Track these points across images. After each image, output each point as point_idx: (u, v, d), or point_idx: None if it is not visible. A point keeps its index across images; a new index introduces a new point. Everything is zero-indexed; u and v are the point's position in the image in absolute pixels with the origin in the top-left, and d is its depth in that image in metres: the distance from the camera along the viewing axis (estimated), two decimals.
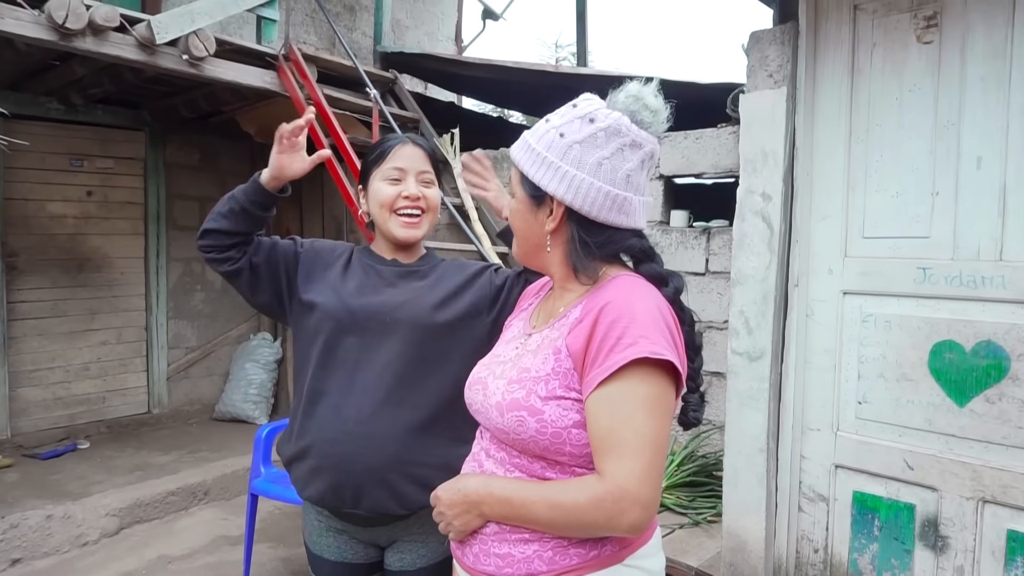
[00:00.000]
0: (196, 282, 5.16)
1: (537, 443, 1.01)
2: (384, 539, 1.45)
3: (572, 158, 1.00)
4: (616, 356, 0.94)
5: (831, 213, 2.22)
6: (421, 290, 1.45)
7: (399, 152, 1.46)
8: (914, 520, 2.11)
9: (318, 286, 1.44)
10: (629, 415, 0.93)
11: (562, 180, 1.00)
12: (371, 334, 1.38)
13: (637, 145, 1.01)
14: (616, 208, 1.02)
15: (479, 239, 3.83)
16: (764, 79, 2.26)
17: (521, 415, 1.00)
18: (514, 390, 1.03)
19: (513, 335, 1.19)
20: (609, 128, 1.00)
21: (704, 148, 3.33)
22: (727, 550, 2.42)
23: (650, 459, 0.93)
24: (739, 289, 2.33)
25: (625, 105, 1.01)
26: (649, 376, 0.94)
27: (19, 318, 4.29)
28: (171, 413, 4.96)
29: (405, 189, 1.44)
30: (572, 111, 1.03)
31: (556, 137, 1.01)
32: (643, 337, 0.94)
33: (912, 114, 2.05)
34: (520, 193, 1.08)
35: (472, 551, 1.08)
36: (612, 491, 0.92)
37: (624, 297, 1.00)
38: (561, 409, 0.99)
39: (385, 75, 4.64)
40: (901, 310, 2.10)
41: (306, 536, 1.50)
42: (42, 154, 4.32)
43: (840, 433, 2.24)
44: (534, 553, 1.02)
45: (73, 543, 3.25)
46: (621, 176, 1.01)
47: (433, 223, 1.51)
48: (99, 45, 3.17)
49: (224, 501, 3.85)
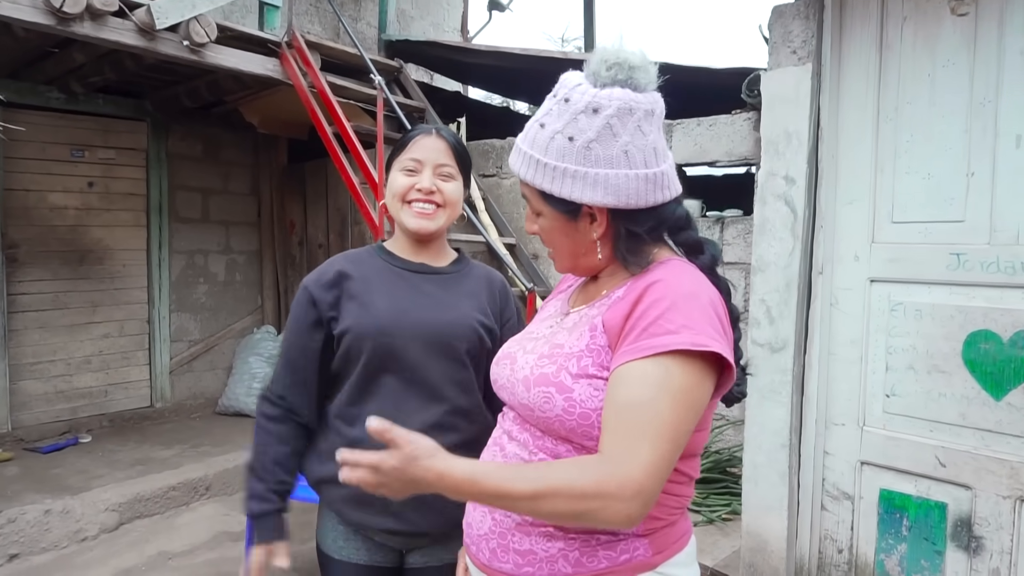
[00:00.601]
0: (199, 274, 5.09)
1: (563, 423, 0.92)
2: (407, 545, 1.37)
3: (595, 158, 0.90)
4: (654, 340, 0.85)
5: (858, 197, 2.11)
6: (460, 300, 1.37)
7: (419, 143, 1.37)
8: (946, 520, 2.00)
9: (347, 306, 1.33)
10: (653, 397, 0.83)
11: (595, 185, 0.91)
12: (413, 352, 1.30)
13: (650, 113, 0.92)
14: (657, 187, 0.93)
15: (486, 229, 3.75)
16: (787, 56, 2.15)
17: (548, 391, 0.92)
18: (544, 365, 0.95)
19: (549, 313, 1.12)
20: (619, 111, 0.90)
21: (718, 135, 3.22)
22: (746, 550, 2.33)
23: (664, 452, 0.83)
24: (760, 277, 2.23)
25: (614, 76, 0.91)
26: (686, 364, 0.85)
27: (20, 310, 4.23)
28: (174, 407, 4.89)
29: (419, 182, 1.35)
30: (566, 107, 0.92)
31: (565, 143, 0.91)
32: (686, 327, 0.85)
33: (945, 91, 1.94)
34: (549, 211, 0.97)
35: (488, 546, 0.99)
36: (618, 476, 0.80)
37: (671, 278, 0.91)
38: (592, 389, 0.90)
39: (390, 64, 4.55)
40: (933, 298, 1.99)
41: (322, 541, 1.40)
42: (43, 144, 4.26)
43: (866, 428, 2.14)
44: (559, 552, 0.93)
45: (72, 538, 3.18)
46: (649, 152, 0.92)
47: (452, 218, 1.41)
48: (97, 30, 3.09)
49: (226, 496, 3.77)
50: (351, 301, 1.33)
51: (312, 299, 1.33)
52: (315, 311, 1.33)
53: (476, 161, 4.19)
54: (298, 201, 5.32)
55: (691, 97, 3.59)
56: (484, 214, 3.88)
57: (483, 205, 3.92)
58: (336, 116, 3.61)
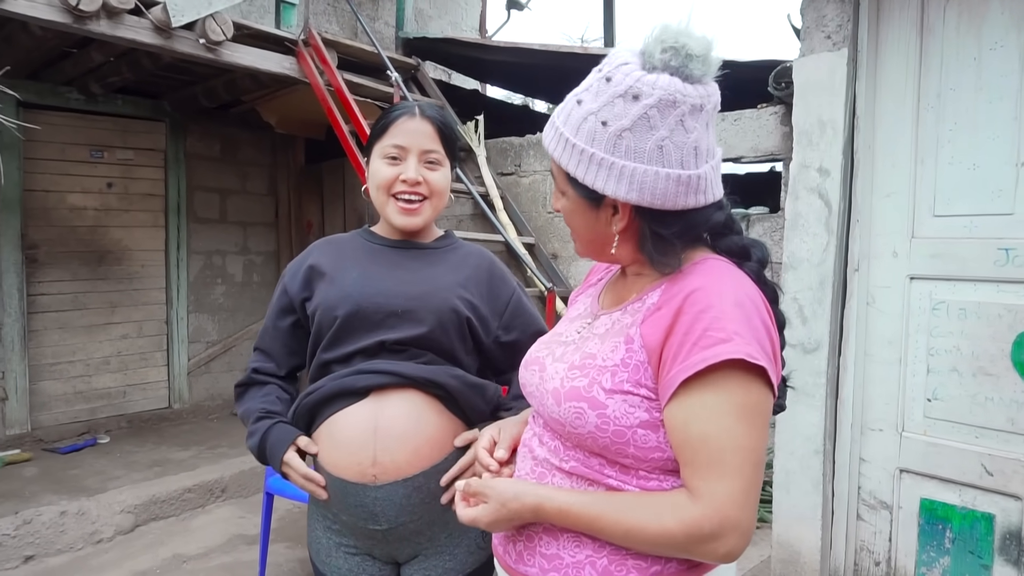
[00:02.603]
0: (217, 275, 5.08)
1: (596, 440, 0.86)
2: (405, 553, 1.28)
3: (625, 149, 0.82)
4: (705, 352, 0.78)
5: (896, 189, 2.00)
6: (439, 273, 1.29)
7: (402, 126, 1.26)
8: (993, 532, 1.88)
9: (317, 286, 1.29)
10: (727, 425, 0.79)
11: (620, 178, 0.83)
12: (383, 329, 1.23)
13: (697, 108, 0.82)
14: (691, 190, 0.84)
15: (504, 228, 3.68)
16: (821, 41, 2.05)
17: (580, 407, 0.86)
18: (575, 377, 0.89)
19: (579, 313, 1.04)
20: (661, 102, 0.81)
21: (743, 130, 3.12)
22: (777, 561, 2.22)
23: (750, 479, 0.80)
24: (792, 274, 2.12)
25: (666, 61, 0.81)
26: (747, 380, 0.80)
27: (40, 311, 4.24)
28: (191, 408, 4.88)
29: (404, 172, 1.26)
30: (607, 87, 0.83)
31: (598, 126, 0.83)
32: (736, 335, 0.79)
33: (993, 75, 1.83)
34: (572, 193, 0.90)
35: (515, 548, 0.95)
36: (711, 516, 0.78)
37: (713, 285, 0.84)
38: (627, 405, 0.84)
39: (407, 61, 4.50)
40: (979, 296, 1.88)
41: (313, 554, 1.34)
42: (62, 145, 4.27)
43: (906, 434, 2.02)
44: (586, 559, 0.88)
45: (87, 540, 3.15)
46: (688, 152, 0.83)
47: (439, 209, 1.33)
48: (114, 28, 3.07)
49: (242, 499, 3.73)
50: (322, 279, 1.29)
51: (284, 287, 1.34)
52: (286, 297, 1.34)
53: (494, 159, 4.12)
54: (315, 201, 5.30)
55: None
56: (502, 213, 3.80)
57: (501, 204, 3.85)
58: (353, 114, 3.57)
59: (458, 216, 4.21)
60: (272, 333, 1.36)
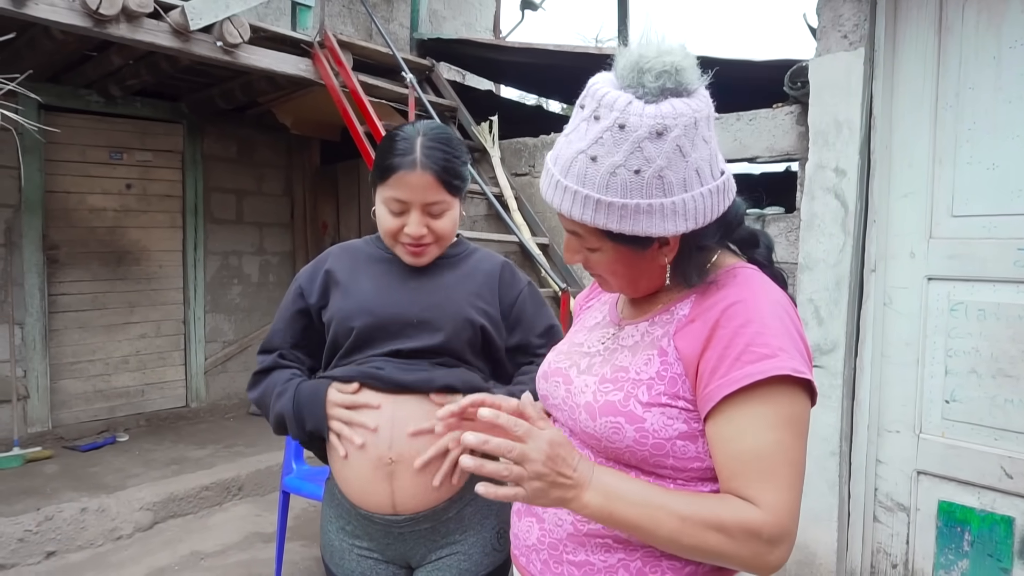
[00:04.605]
0: (233, 276, 5.13)
1: (634, 454, 0.85)
2: (417, 555, 1.28)
3: (668, 186, 0.79)
4: (750, 368, 0.78)
5: (914, 189, 1.98)
6: (452, 282, 1.30)
7: (403, 180, 1.22)
8: (1012, 535, 1.86)
9: (333, 295, 1.30)
10: (777, 439, 0.79)
11: (674, 216, 0.81)
12: (399, 339, 1.24)
13: (708, 118, 0.82)
14: (723, 195, 0.85)
15: (519, 229, 3.68)
16: (837, 40, 2.04)
17: (618, 421, 0.85)
18: (608, 391, 0.87)
19: (596, 322, 1.02)
20: (686, 128, 0.78)
21: (758, 130, 3.10)
22: (792, 563, 2.21)
23: (799, 492, 0.80)
24: (808, 275, 2.11)
25: (662, 87, 0.78)
26: (792, 393, 0.80)
27: (60, 310, 4.31)
28: (208, 407, 4.93)
29: (408, 226, 1.24)
30: (623, 135, 0.78)
31: (631, 177, 0.79)
32: (782, 350, 0.79)
33: (1013, 74, 1.81)
34: (610, 245, 0.86)
35: (539, 558, 0.93)
36: (772, 523, 0.77)
37: (750, 298, 0.84)
38: (665, 418, 0.83)
39: (422, 62, 4.52)
40: (998, 297, 1.86)
41: (326, 557, 1.35)
42: (82, 147, 4.33)
43: (923, 436, 2.01)
44: (619, 562, 0.87)
45: (107, 536, 3.20)
46: (715, 160, 0.83)
47: (445, 245, 1.32)
48: (133, 32, 3.12)
49: (258, 497, 3.77)
50: (337, 288, 1.30)
51: (300, 290, 1.34)
52: (302, 301, 1.34)
53: (508, 160, 4.13)
54: (331, 202, 5.33)
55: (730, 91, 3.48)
56: (516, 213, 3.81)
57: (515, 204, 3.86)
58: (368, 115, 3.59)
59: (472, 217, 4.22)
60: (283, 335, 1.35)
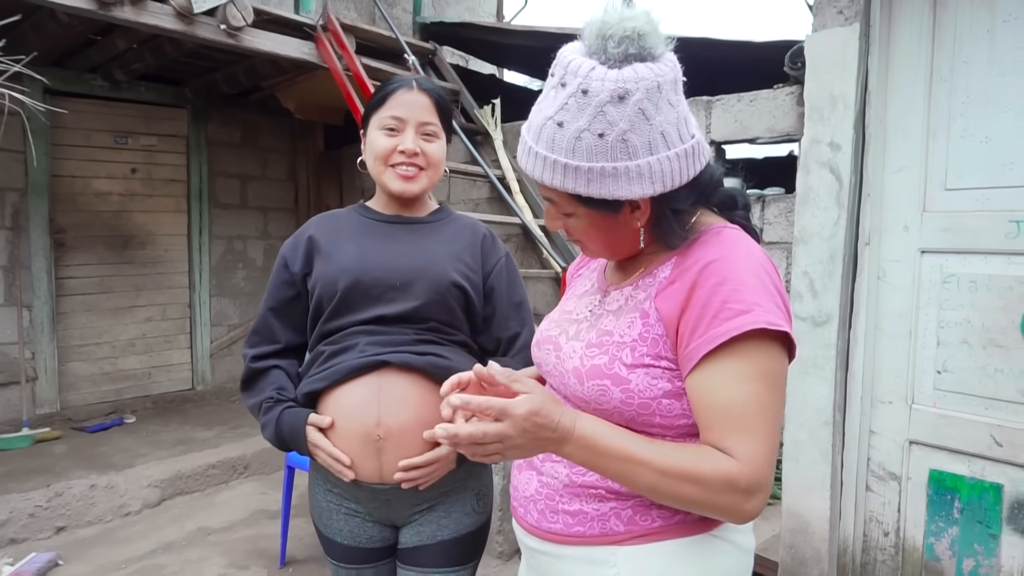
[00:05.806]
0: (238, 260, 5.17)
1: (622, 414, 0.88)
2: (402, 516, 1.32)
3: (632, 149, 0.81)
4: (727, 325, 0.81)
5: (908, 163, 2.01)
6: (435, 247, 1.32)
7: (400, 98, 1.27)
8: (1001, 502, 1.90)
9: (316, 260, 1.32)
10: (753, 391, 0.81)
11: (639, 178, 0.82)
12: (382, 302, 1.26)
13: (674, 82, 0.83)
14: (694, 158, 0.86)
15: (521, 211, 3.71)
16: (833, 16, 2.06)
17: (604, 384, 0.88)
18: (594, 355, 0.90)
19: (585, 289, 1.05)
20: (647, 92, 0.79)
21: (759, 111, 3.12)
22: (787, 531, 2.25)
23: (774, 443, 0.83)
24: (803, 248, 2.14)
25: (625, 52, 0.80)
26: (768, 346, 0.82)
27: (67, 294, 4.36)
28: (214, 390, 4.99)
29: (402, 143, 1.27)
30: (586, 99, 0.80)
31: (595, 140, 0.80)
32: (756, 305, 0.81)
33: (1007, 48, 1.83)
34: (584, 211, 0.89)
35: (536, 507, 0.97)
36: (748, 473, 0.80)
37: (727, 255, 0.86)
38: (649, 378, 0.87)
39: (425, 46, 4.54)
40: (989, 269, 1.89)
41: (315, 517, 1.38)
42: (88, 131, 4.37)
43: (915, 406, 2.04)
44: (611, 510, 0.91)
45: (116, 512, 3.26)
46: (682, 124, 0.84)
47: (434, 180, 1.35)
48: (137, 14, 3.14)
49: (264, 475, 3.83)
50: (320, 254, 1.32)
51: (285, 261, 1.36)
52: (287, 272, 1.35)
53: (511, 142, 4.15)
54: (334, 186, 5.37)
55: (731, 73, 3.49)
56: (519, 195, 3.84)
57: (518, 187, 3.89)
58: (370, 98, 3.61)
59: (475, 199, 4.25)
60: (271, 313, 1.36)
